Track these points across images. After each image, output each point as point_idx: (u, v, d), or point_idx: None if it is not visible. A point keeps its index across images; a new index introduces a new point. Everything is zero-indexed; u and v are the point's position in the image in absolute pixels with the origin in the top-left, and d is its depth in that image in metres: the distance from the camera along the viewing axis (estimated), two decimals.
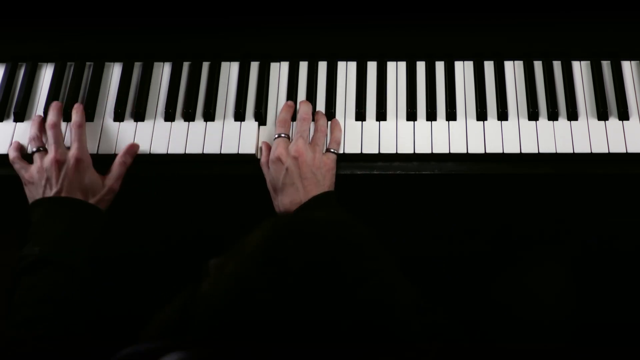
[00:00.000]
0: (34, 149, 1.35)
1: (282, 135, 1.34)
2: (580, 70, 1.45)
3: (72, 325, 1.20)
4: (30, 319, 1.19)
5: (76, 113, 1.39)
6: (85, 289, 1.25)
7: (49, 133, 1.35)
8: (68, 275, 1.24)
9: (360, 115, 1.41)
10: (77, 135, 1.35)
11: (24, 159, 1.36)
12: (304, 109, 1.38)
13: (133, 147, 1.37)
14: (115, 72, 1.49)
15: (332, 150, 1.35)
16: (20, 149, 1.38)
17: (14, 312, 1.21)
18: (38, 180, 1.31)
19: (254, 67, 1.48)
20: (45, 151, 1.35)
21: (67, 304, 1.22)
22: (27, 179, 1.33)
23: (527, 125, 1.39)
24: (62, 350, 1.11)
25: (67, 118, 1.43)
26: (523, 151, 1.36)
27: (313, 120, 1.38)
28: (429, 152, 1.38)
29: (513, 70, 1.45)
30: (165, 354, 0.84)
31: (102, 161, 1.40)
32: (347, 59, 1.47)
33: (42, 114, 1.42)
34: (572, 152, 1.36)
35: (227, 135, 1.40)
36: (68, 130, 1.40)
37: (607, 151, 1.36)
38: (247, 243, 0.89)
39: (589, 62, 1.46)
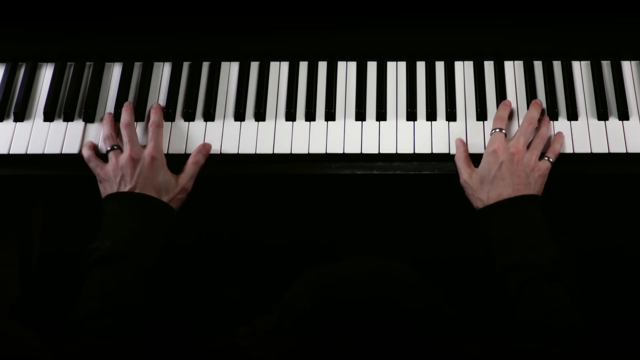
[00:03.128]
0: (109, 148, 1.36)
1: (498, 130, 1.34)
2: (580, 70, 1.45)
3: (132, 324, 1.20)
4: (94, 313, 1.19)
5: (155, 113, 1.40)
6: (148, 288, 1.24)
7: (124, 132, 1.35)
8: (137, 273, 1.23)
9: (360, 115, 1.41)
10: (154, 134, 1.36)
11: (98, 157, 1.37)
12: (533, 113, 1.37)
13: (205, 147, 1.37)
14: (115, 72, 1.49)
15: (548, 157, 1.34)
16: (94, 147, 1.38)
17: (80, 304, 1.20)
18: (113, 178, 1.32)
19: (254, 67, 1.48)
20: (120, 150, 1.35)
21: (132, 302, 1.22)
22: (103, 177, 1.34)
23: None
24: (123, 351, 1.11)
25: (67, 118, 1.43)
26: None
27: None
28: (429, 152, 1.38)
29: (513, 70, 1.45)
30: None
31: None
32: (347, 59, 1.47)
33: (112, 112, 1.42)
34: (572, 152, 1.36)
35: (227, 136, 1.40)
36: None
37: (607, 151, 1.36)
38: (287, 310, 0.95)
39: (589, 62, 1.46)
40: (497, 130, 1.35)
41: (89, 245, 1.26)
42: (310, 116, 1.42)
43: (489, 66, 1.46)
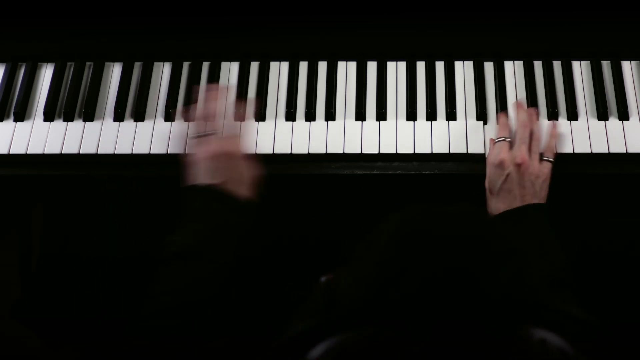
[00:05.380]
0: (203, 132, 1.32)
1: (503, 139, 1.33)
2: (580, 70, 1.45)
3: (204, 323, 1.18)
4: (167, 309, 1.17)
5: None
6: (222, 289, 1.22)
7: (215, 123, 1.32)
8: (216, 272, 1.22)
9: (360, 115, 1.41)
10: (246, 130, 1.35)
11: (199, 139, 1.33)
12: (523, 116, 1.36)
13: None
14: (115, 72, 1.49)
15: (547, 158, 1.33)
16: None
17: (154, 298, 1.18)
18: (203, 166, 1.28)
19: (254, 67, 1.48)
20: (213, 136, 1.32)
21: (205, 300, 1.19)
22: (195, 160, 1.29)
23: None
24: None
25: (67, 118, 1.43)
26: None
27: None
28: (429, 152, 1.38)
29: (513, 70, 1.45)
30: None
31: (102, 162, 1.40)
32: (347, 59, 1.47)
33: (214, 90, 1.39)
34: (572, 152, 1.36)
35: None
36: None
37: (607, 151, 1.36)
38: (374, 242, 0.91)
39: (589, 62, 1.46)
40: (502, 139, 1.34)
41: (167, 238, 1.23)
42: (310, 116, 1.42)
43: (489, 66, 1.46)
